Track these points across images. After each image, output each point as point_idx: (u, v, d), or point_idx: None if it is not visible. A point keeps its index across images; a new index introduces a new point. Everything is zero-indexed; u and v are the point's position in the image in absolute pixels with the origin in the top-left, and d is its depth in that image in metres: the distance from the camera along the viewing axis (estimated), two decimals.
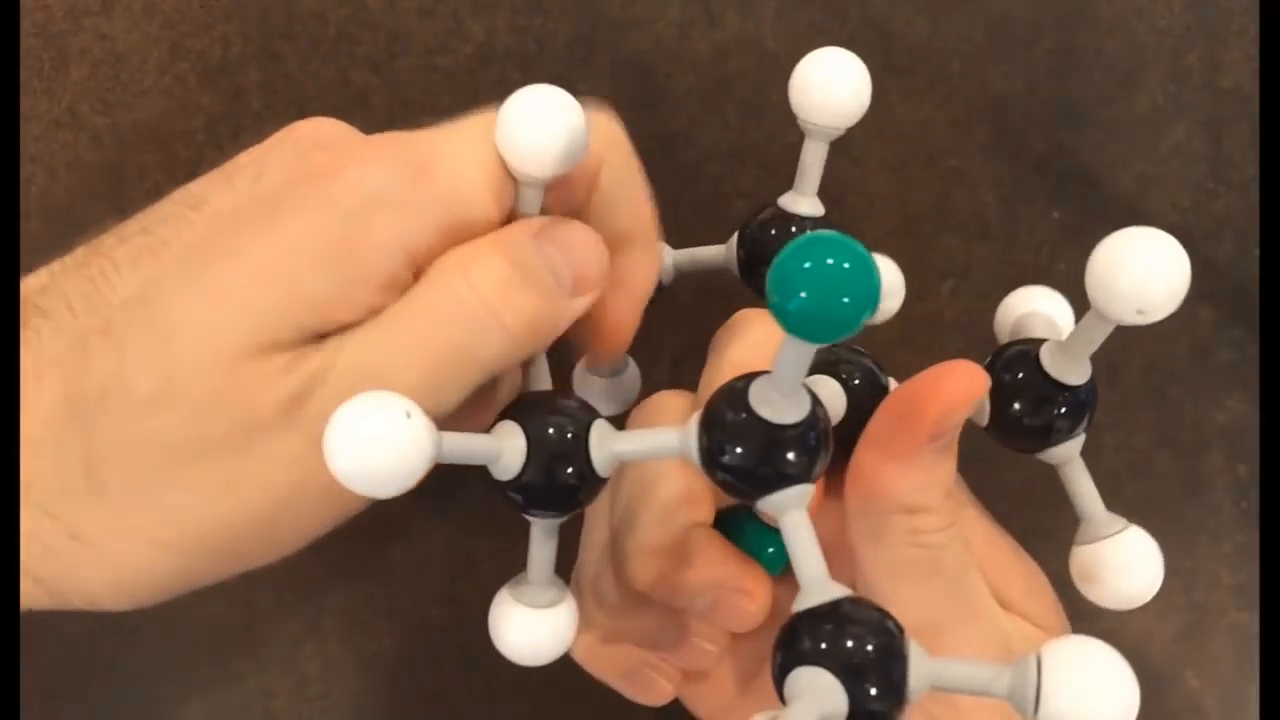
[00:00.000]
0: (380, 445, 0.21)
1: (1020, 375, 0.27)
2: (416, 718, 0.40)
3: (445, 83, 0.38)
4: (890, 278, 0.31)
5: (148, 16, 0.37)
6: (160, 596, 0.26)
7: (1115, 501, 0.30)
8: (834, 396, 0.27)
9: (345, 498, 0.25)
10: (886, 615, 0.23)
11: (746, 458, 0.24)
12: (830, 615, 0.23)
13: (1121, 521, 0.28)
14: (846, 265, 0.20)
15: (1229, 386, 0.38)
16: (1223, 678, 0.39)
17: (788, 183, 0.31)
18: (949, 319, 0.38)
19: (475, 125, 0.26)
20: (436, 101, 0.38)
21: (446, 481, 0.39)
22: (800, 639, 0.23)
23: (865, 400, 0.27)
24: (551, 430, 0.24)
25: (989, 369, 0.27)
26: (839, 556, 0.28)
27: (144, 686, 0.39)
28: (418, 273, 0.26)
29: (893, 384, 0.28)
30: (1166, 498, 0.39)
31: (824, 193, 0.31)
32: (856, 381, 0.28)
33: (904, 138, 0.38)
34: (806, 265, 0.20)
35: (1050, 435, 0.27)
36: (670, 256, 0.32)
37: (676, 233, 0.32)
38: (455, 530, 0.39)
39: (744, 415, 0.23)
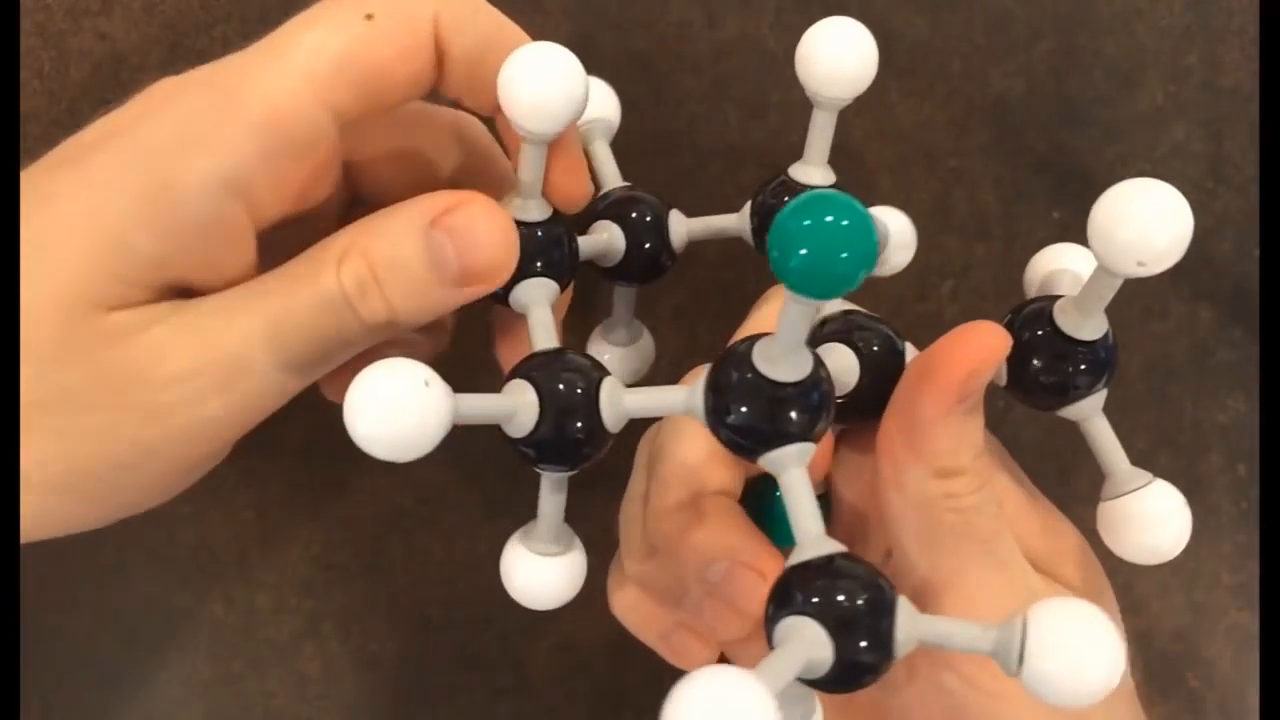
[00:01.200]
0: (400, 413, 0.21)
1: (1037, 333, 0.27)
2: (416, 718, 0.40)
3: None
4: (901, 228, 0.30)
5: (148, 16, 0.37)
6: (31, 536, 0.26)
7: None
8: (847, 363, 0.27)
9: (201, 449, 0.26)
10: (878, 571, 0.23)
11: (750, 414, 0.24)
12: (823, 569, 0.23)
13: (1146, 475, 0.28)
14: (845, 223, 0.20)
15: (1229, 386, 0.38)
16: (1223, 678, 0.39)
17: None
18: (949, 319, 0.38)
19: (312, 23, 0.25)
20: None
21: (446, 482, 0.39)
22: (792, 591, 0.23)
23: (883, 366, 0.27)
24: (563, 387, 0.25)
25: (1007, 327, 0.26)
26: (872, 522, 0.28)
27: (144, 686, 0.39)
28: (254, 208, 0.25)
29: (910, 349, 0.28)
30: None
31: None
32: (875, 348, 0.27)
33: (904, 138, 0.38)
34: (806, 223, 0.20)
35: (1068, 392, 0.27)
36: (685, 226, 0.31)
37: None
38: (455, 530, 0.39)
39: (749, 374, 0.24)
